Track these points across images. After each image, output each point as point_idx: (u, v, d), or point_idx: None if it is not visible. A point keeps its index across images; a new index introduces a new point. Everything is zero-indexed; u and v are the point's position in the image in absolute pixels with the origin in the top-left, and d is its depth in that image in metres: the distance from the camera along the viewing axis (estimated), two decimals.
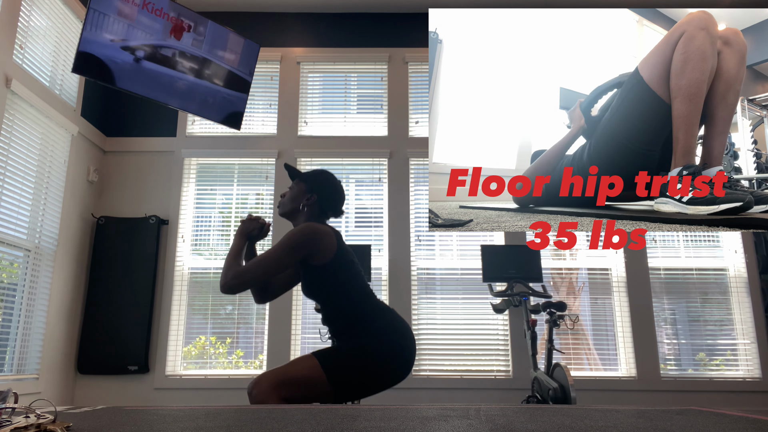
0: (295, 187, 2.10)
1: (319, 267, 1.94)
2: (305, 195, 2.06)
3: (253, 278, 1.89)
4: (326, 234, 1.94)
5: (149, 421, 1.19)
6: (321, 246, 1.92)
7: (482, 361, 4.02)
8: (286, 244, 1.88)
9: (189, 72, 3.72)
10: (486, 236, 4.28)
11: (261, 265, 1.88)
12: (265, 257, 1.89)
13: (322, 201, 2.06)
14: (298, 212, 2.06)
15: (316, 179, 2.09)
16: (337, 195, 2.10)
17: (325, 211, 2.08)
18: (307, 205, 2.05)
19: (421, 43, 4.54)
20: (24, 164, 3.38)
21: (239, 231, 2.05)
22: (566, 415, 1.26)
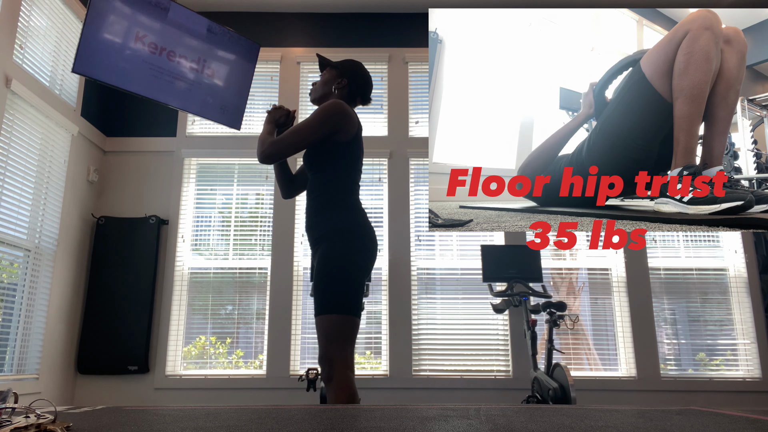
0: (327, 74, 2.18)
1: (335, 142, 2.00)
2: (337, 80, 2.14)
3: (288, 146, 1.97)
4: (353, 115, 2.04)
5: (149, 421, 1.19)
6: (348, 123, 2.00)
7: (482, 361, 4.02)
8: (319, 117, 1.96)
9: (189, 72, 3.72)
10: (486, 236, 4.28)
11: (296, 134, 1.97)
12: (300, 127, 1.97)
13: (352, 86, 2.14)
14: (329, 96, 2.14)
15: (346, 66, 2.17)
16: (367, 81, 2.18)
17: (354, 96, 2.16)
18: (339, 89, 2.12)
19: (421, 43, 4.54)
20: (24, 164, 3.38)
21: (267, 119, 2.14)
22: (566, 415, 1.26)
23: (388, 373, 3.93)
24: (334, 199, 2.00)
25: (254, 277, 4.18)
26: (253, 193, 4.39)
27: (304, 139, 1.97)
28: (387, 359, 3.97)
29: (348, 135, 2.01)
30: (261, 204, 4.36)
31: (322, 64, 2.22)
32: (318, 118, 1.96)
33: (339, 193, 2.01)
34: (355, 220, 1.98)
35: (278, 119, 2.16)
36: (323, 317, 1.88)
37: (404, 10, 4.62)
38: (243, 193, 4.37)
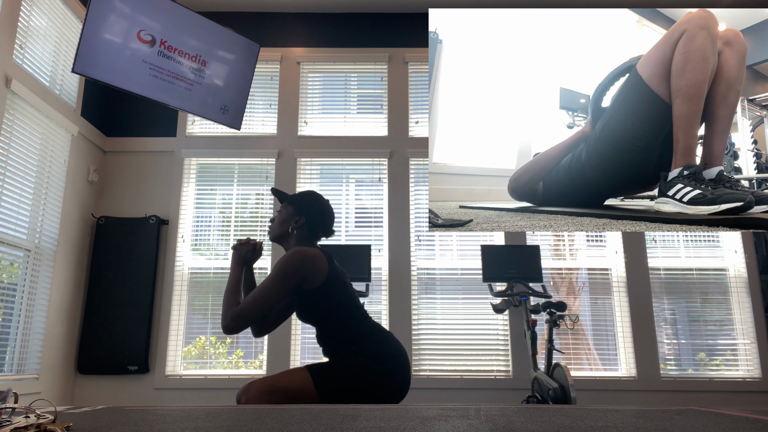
0: (284, 211, 2.08)
1: (312, 290, 1.92)
2: (293, 218, 2.05)
3: (251, 316, 1.87)
4: (317, 257, 1.93)
5: (149, 421, 1.19)
6: (313, 269, 1.90)
7: (482, 361, 4.02)
8: (278, 274, 1.87)
9: (189, 72, 3.71)
10: (486, 236, 4.28)
11: (257, 301, 1.87)
12: (260, 291, 1.87)
13: (311, 222, 2.04)
14: (287, 236, 2.05)
15: (303, 201, 2.08)
16: (326, 215, 2.08)
17: (315, 232, 2.06)
18: (296, 228, 2.03)
19: (421, 43, 4.54)
20: (24, 164, 3.37)
21: (233, 260, 2.04)
22: (566, 415, 1.26)
23: None
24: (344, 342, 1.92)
25: None
26: (253, 193, 4.39)
27: (268, 300, 1.87)
28: None
29: (319, 278, 1.91)
30: (261, 204, 4.36)
31: (280, 198, 2.12)
32: (276, 277, 1.87)
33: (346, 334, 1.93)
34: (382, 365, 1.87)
35: (245, 256, 2.06)
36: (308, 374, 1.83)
37: (404, 10, 4.62)
38: (243, 193, 4.37)
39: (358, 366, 1.85)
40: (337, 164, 4.40)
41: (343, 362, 1.88)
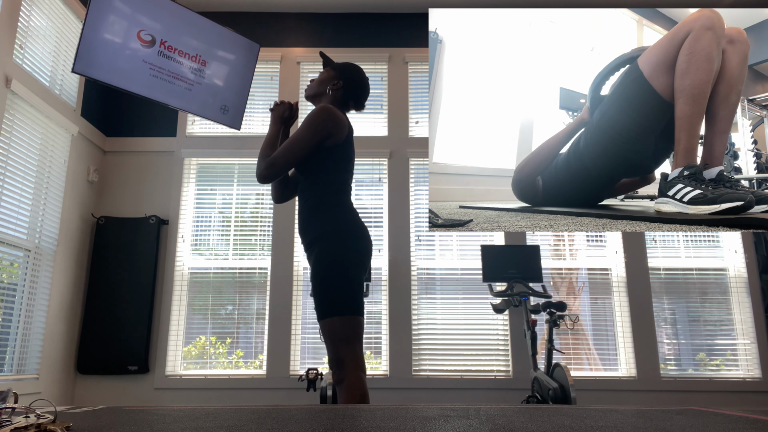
0: (325, 73, 2.18)
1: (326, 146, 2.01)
2: (332, 81, 2.14)
3: (284, 163, 1.97)
4: (342, 119, 2.04)
5: (149, 421, 1.19)
6: (338, 127, 2.01)
7: (482, 361, 4.02)
8: (309, 126, 1.97)
9: (189, 72, 3.71)
10: (486, 236, 4.28)
11: (290, 149, 1.97)
12: (292, 141, 1.97)
13: (347, 89, 2.14)
14: (323, 95, 2.15)
15: (345, 68, 2.18)
16: (362, 87, 2.18)
17: (347, 100, 2.16)
18: (333, 90, 2.13)
19: (421, 43, 4.54)
20: (24, 164, 3.37)
21: (273, 118, 2.16)
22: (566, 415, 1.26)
23: (388, 373, 3.93)
24: (324, 201, 2.00)
25: (254, 277, 4.18)
26: (253, 193, 4.39)
27: (299, 151, 1.97)
28: (387, 359, 3.97)
29: (338, 139, 2.02)
30: (261, 204, 4.36)
31: (324, 62, 2.23)
32: (307, 127, 1.97)
33: (329, 194, 2.01)
34: (347, 220, 1.98)
35: (283, 114, 2.17)
36: (326, 321, 1.88)
37: (404, 10, 4.62)
38: (243, 193, 4.37)
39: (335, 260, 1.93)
40: None
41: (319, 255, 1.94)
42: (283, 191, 2.24)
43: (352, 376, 1.83)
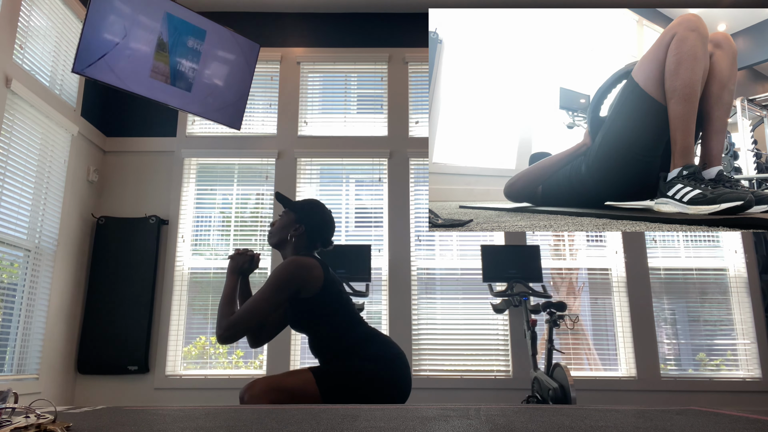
0: (285, 217, 2.08)
1: (308, 300, 1.91)
2: (293, 225, 2.04)
3: (246, 325, 1.87)
4: (313, 266, 1.91)
5: (149, 421, 1.19)
6: (308, 278, 1.89)
7: (482, 361, 4.02)
8: (273, 284, 1.86)
9: (189, 72, 3.72)
10: (486, 236, 4.28)
11: (253, 310, 1.86)
12: (255, 301, 1.86)
13: (310, 231, 2.04)
14: (286, 242, 2.05)
15: (304, 209, 2.07)
16: (326, 226, 2.07)
17: (314, 241, 2.05)
18: (295, 236, 2.03)
19: (421, 43, 4.54)
20: (24, 164, 3.37)
21: (229, 269, 2.03)
22: (566, 415, 1.26)
23: None
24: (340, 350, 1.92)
25: (254, 277, 4.16)
26: (253, 193, 4.39)
27: (260, 313, 1.85)
28: None
29: (315, 286, 1.90)
30: (261, 204, 4.36)
31: (283, 203, 2.10)
32: (273, 286, 1.86)
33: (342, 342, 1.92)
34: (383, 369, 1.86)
35: (242, 266, 2.04)
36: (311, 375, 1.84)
37: (404, 10, 4.62)
38: (243, 193, 4.37)
39: (360, 369, 1.85)
40: (337, 164, 4.40)
41: (345, 365, 1.88)
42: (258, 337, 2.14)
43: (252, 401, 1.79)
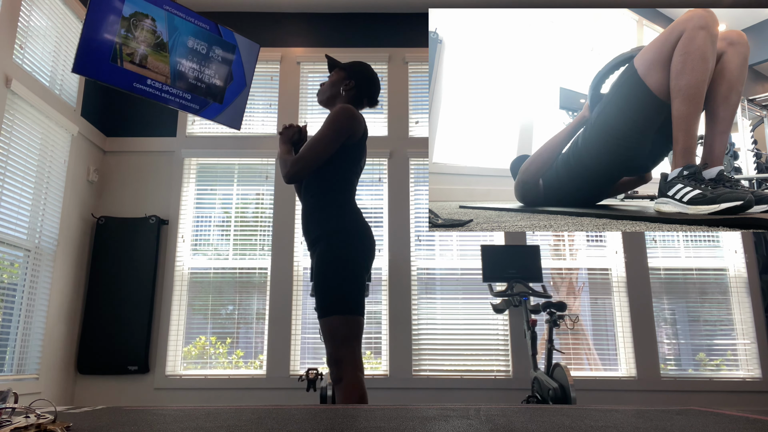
0: (335, 75, 2.18)
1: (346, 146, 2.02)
2: (344, 81, 2.15)
3: (310, 162, 1.98)
4: (361, 120, 2.05)
5: (149, 421, 1.19)
6: (357, 129, 2.02)
7: (482, 361, 4.02)
8: (333, 125, 1.97)
9: (189, 72, 3.72)
10: (486, 236, 4.28)
11: (315, 148, 1.97)
12: (317, 140, 1.97)
13: (359, 88, 2.15)
14: (337, 97, 2.16)
15: (354, 67, 2.18)
16: (374, 83, 2.18)
17: (361, 98, 2.16)
18: (347, 90, 2.14)
19: (421, 43, 4.54)
20: (24, 164, 3.37)
21: (282, 141, 2.15)
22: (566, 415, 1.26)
23: (388, 373, 3.93)
24: (329, 200, 2.01)
25: (254, 277, 4.18)
26: (253, 193, 4.39)
27: (324, 150, 1.98)
28: (387, 359, 3.97)
29: (354, 139, 2.03)
30: (261, 204, 4.36)
31: (331, 65, 2.22)
32: (331, 127, 1.97)
33: (333, 192, 2.01)
34: (351, 220, 1.99)
35: (292, 137, 2.16)
36: (326, 320, 1.88)
37: (404, 10, 4.62)
38: (243, 193, 4.37)
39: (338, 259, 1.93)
40: None
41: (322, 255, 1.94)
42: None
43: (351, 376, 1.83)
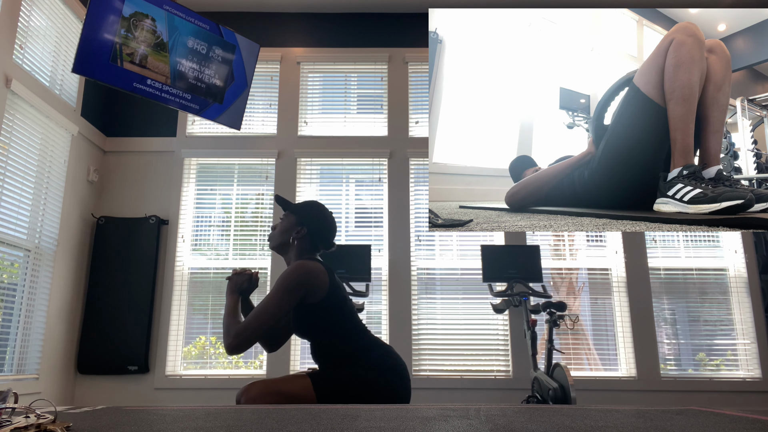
0: (285, 220, 2.05)
1: (313, 305, 1.90)
2: (295, 228, 2.02)
3: (255, 332, 1.82)
4: (319, 271, 1.90)
5: (149, 421, 1.19)
6: (315, 284, 1.88)
7: (482, 361, 4.02)
8: (281, 289, 1.84)
9: (189, 72, 3.72)
10: (486, 236, 4.28)
11: (261, 317, 1.82)
12: (263, 307, 1.83)
13: (312, 234, 2.01)
14: (288, 246, 2.03)
15: (305, 212, 2.05)
16: (328, 228, 2.04)
17: (316, 244, 2.03)
18: (297, 239, 2.00)
19: (421, 43, 4.54)
20: (24, 164, 3.37)
21: (229, 289, 1.99)
22: (566, 415, 1.26)
23: None
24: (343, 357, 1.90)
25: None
26: (253, 193, 4.39)
27: (270, 318, 1.82)
28: None
29: (322, 292, 1.88)
30: (261, 204, 4.36)
31: (283, 206, 2.07)
32: (280, 291, 1.83)
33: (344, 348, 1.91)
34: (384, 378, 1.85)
35: (240, 285, 2.01)
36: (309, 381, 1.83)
37: (404, 10, 4.62)
38: (243, 193, 4.37)
39: (360, 377, 1.83)
40: (337, 164, 4.39)
41: (344, 372, 1.86)
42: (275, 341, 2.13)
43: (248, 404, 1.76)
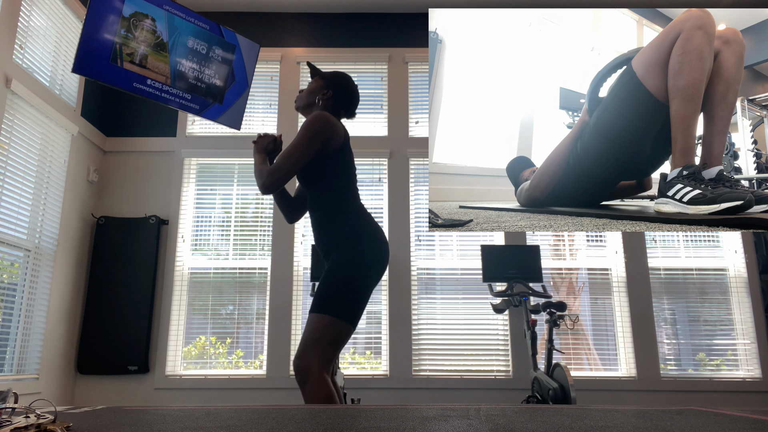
0: (314, 83, 2.17)
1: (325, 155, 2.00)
2: (322, 90, 2.14)
3: (286, 173, 1.95)
4: (337, 123, 2.03)
5: (149, 421, 1.19)
6: (334, 134, 1.99)
7: (482, 361, 4.02)
8: (305, 134, 1.95)
9: (189, 72, 3.71)
10: (486, 236, 4.28)
11: (290, 157, 1.94)
12: (290, 150, 1.95)
13: (336, 98, 2.13)
14: (313, 106, 2.15)
15: (334, 77, 2.17)
16: (352, 95, 2.17)
17: (338, 109, 2.15)
18: (323, 100, 2.12)
19: (421, 43, 4.54)
20: (24, 164, 3.38)
21: (256, 149, 2.12)
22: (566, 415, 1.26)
23: (388, 373, 3.93)
24: (334, 210, 2.00)
25: (254, 277, 4.18)
26: (253, 193, 4.39)
27: (299, 159, 1.95)
28: (387, 359, 3.97)
29: (336, 144, 2.00)
30: (261, 204, 4.36)
31: (312, 72, 2.22)
32: (305, 135, 1.95)
33: (338, 202, 2.01)
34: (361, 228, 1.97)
35: (266, 147, 2.14)
36: (318, 315, 1.85)
37: (404, 10, 4.62)
38: (243, 193, 4.37)
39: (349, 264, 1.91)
40: None
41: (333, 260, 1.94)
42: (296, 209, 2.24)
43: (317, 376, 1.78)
